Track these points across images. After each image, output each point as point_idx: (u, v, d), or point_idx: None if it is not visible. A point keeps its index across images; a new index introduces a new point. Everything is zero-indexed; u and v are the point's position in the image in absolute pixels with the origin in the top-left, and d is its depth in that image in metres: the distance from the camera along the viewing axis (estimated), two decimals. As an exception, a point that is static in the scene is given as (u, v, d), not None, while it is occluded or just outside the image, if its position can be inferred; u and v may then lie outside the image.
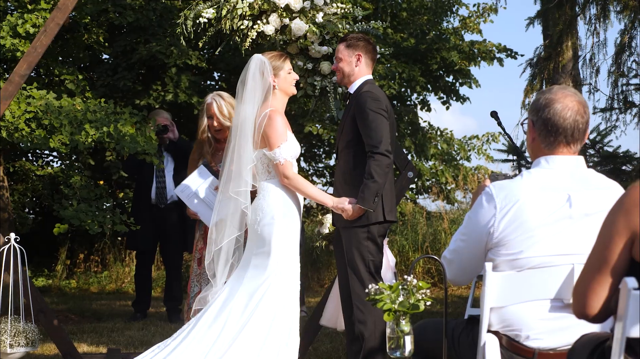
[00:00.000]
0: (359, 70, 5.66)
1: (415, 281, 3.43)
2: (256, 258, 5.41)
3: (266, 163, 5.48)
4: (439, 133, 15.73)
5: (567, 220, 3.41)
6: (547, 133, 3.51)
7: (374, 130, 5.42)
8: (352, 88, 5.68)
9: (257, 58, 5.59)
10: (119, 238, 13.87)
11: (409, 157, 12.95)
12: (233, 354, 5.17)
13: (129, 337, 8.08)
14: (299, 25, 6.13)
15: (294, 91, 5.70)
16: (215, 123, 6.42)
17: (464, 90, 14.59)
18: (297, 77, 5.72)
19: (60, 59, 10.78)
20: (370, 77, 5.71)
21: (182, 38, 6.34)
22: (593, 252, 2.86)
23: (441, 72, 14.18)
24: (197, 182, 6.24)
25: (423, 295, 3.43)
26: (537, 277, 3.38)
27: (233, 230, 5.59)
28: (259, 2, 6.16)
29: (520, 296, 3.40)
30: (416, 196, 15.48)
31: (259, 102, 5.51)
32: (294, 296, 5.41)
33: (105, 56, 12.51)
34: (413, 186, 14.80)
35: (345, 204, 5.46)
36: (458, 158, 15.62)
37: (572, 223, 3.41)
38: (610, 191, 3.50)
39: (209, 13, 6.23)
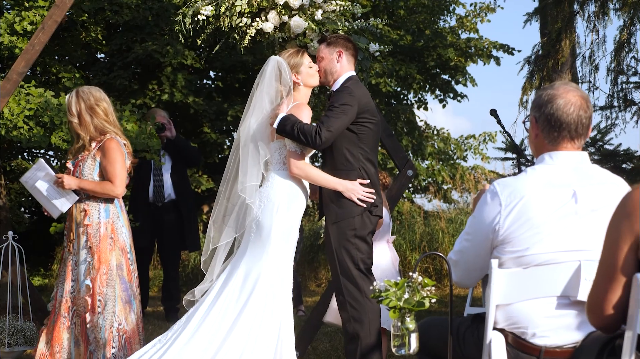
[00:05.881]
0: (340, 66, 5.61)
1: (420, 278, 3.40)
2: (252, 247, 5.39)
3: (284, 154, 5.49)
4: (435, 132, 15.73)
5: (573, 216, 3.38)
6: (550, 128, 3.48)
7: (332, 118, 5.36)
8: (336, 86, 5.61)
9: (273, 60, 5.59)
10: (116, 237, 13.81)
11: (406, 155, 12.91)
12: (227, 350, 5.17)
13: (126, 336, 8.03)
14: (297, 23, 6.10)
15: (317, 82, 5.70)
16: None
17: (460, 88, 14.59)
18: (318, 68, 5.69)
19: (56, 57, 10.74)
20: (353, 73, 5.65)
21: (180, 36, 6.30)
22: (601, 261, 2.83)
23: (437, 70, 14.18)
24: (34, 178, 6.06)
25: (428, 292, 3.40)
26: (543, 274, 3.35)
27: (231, 231, 5.58)
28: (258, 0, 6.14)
29: (527, 293, 3.36)
30: (413, 195, 15.47)
31: (276, 101, 5.54)
32: (286, 291, 5.40)
33: (100, 55, 12.47)
34: (410, 185, 14.79)
35: (356, 184, 5.43)
36: (455, 157, 15.63)
37: (578, 219, 3.38)
38: (616, 186, 3.48)
39: (207, 10, 6.20)
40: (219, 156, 13.26)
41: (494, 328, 3.40)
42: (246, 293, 5.30)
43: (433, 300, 3.41)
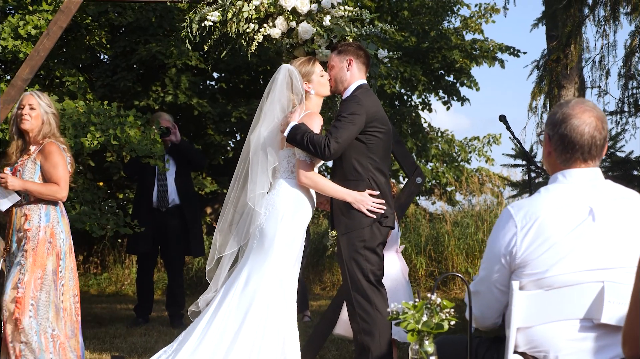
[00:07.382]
0: (351, 74, 5.55)
1: (439, 300, 3.32)
2: (255, 255, 5.34)
3: (292, 163, 5.44)
4: (439, 134, 15.67)
5: (592, 233, 3.30)
6: (563, 149, 3.40)
7: (341, 129, 5.30)
8: (346, 95, 5.56)
9: (285, 69, 5.55)
10: (119, 240, 13.76)
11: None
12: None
13: (132, 343, 7.98)
14: (305, 29, 6.03)
15: (328, 91, 5.66)
16: None
17: (464, 91, 14.51)
18: (329, 77, 5.62)
19: (60, 59, 10.67)
20: (364, 81, 5.59)
21: (187, 41, 6.23)
22: (634, 291, 2.74)
23: (442, 71, 14.11)
24: None
25: (447, 314, 3.32)
26: (565, 296, 3.26)
27: (236, 241, 5.53)
28: (266, 5, 6.06)
29: (548, 315, 3.28)
30: (417, 197, 15.40)
31: (288, 109, 5.48)
32: (289, 300, 5.36)
33: (104, 57, 12.41)
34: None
35: (365, 195, 5.37)
36: (459, 159, 15.56)
37: (596, 237, 3.30)
38: (632, 201, 3.40)
39: (214, 16, 6.13)
40: (223, 158, 13.20)
41: (515, 351, 3.32)
42: (246, 300, 5.26)
43: (452, 322, 3.32)
